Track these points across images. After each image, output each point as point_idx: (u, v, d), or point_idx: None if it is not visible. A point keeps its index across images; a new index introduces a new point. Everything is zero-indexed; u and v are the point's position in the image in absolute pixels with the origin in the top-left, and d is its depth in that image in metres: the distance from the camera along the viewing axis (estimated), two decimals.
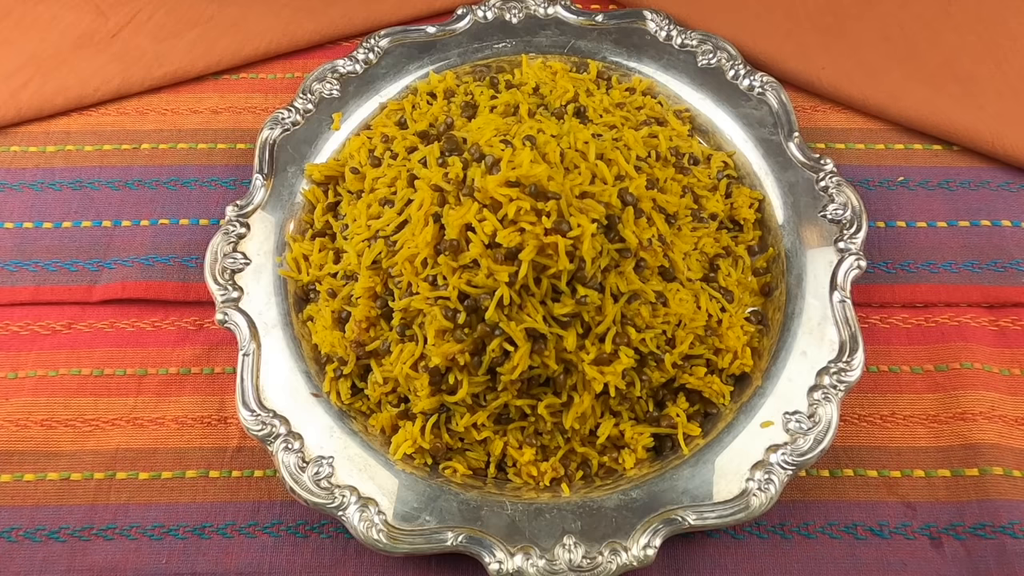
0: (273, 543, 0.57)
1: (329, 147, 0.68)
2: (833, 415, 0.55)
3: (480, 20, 0.73)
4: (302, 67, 0.78)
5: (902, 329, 0.65)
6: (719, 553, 0.56)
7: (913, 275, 0.66)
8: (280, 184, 0.65)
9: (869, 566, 0.56)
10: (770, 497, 0.53)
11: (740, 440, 0.55)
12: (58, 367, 0.63)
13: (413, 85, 0.70)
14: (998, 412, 0.60)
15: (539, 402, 0.56)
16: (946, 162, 0.72)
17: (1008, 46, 0.76)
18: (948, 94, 0.73)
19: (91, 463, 0.60)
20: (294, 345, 0.59)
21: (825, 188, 0.64)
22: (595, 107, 0.67)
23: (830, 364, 0.57)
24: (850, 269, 0.60)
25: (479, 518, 0.53)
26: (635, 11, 0.74)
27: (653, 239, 0.56)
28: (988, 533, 0.56)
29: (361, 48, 0.72)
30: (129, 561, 0.56)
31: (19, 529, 0.57)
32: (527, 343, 0.53)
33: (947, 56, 0.75)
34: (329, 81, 0.70)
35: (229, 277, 0.61)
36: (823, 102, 0.75)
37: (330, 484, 0.54)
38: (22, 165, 0.72)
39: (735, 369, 0.58)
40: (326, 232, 0.64)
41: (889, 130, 0.74)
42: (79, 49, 0.77)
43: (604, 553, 0.51)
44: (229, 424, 0.61)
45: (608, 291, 0.54)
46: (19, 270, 0.67)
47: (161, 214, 0.70)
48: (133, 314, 0.66)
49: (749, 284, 0.62)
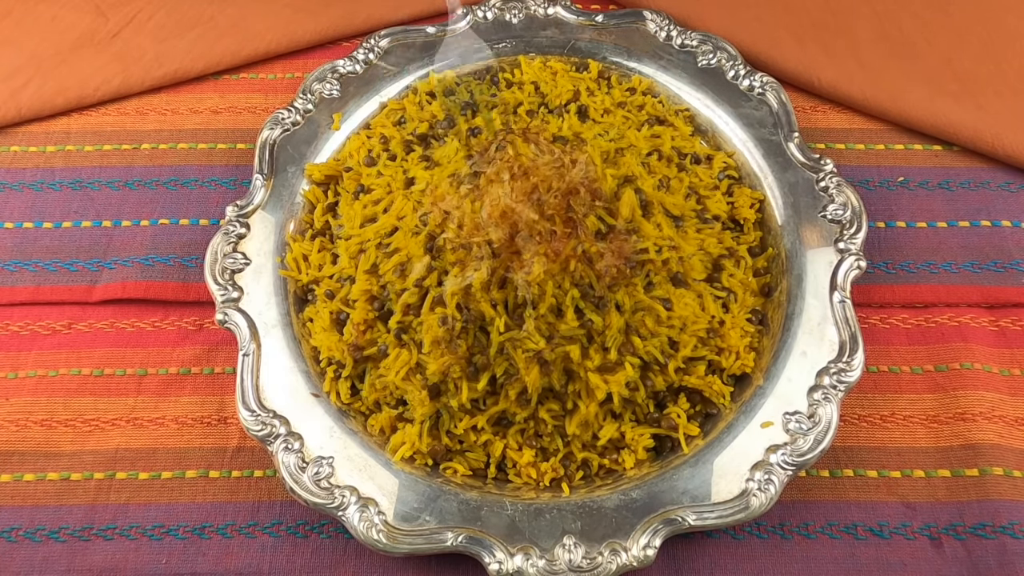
0: (273, 543, 0.57)
1: (329, 147, 0.68)
2: (833, 415, 0.55)
3: (480, 20, 0.73)
4: (302, 67, 0.78)
5: (902, 329, 0.65)
6: (719, 553, 0.56)
7: (913, 275, 0.66)
8: (280, 184, 0.65)
9: (869, 566, 0.56)
10: (770, 497, 0.53)
11: (740, 440, 0.55)
12: (58, 367, 0.63)
13: (413, 85, 0.70)
14: (998, 412, 0.60)
15: (540, 406, 0.56)
16: (946, 162, 0.72)
17: (1008, 46, 0.76)
18: (948, 94, 0.73)
19: (91, 463, 0.60)
20: (294, 345, 0.59)
21: (825, 188, 0.64)
22: (596, 106, 0.67)
23: (830, 364, 0.57)
24: (850, 269, 0.60)
25: (479, 518, 0.53)
26: (635, 11, 0.74)
27: (664, 248, 0.57)
28: (988, 533, 0.56)
29: (361, 48, 0.72)
30: (129, 561, 0.56)
31: (19, 529, 0.57)
32: (535, 365, 0.54)
33: (947, 56, 0.75)
34: (329, 81, 0.70)
35: (229, 277, 0.61)
36: (823, 102, 0.75)
37: (330, 484, 0.54)
38: (22, 165, 0.72)
39: (736, 369, 0.58)
40: (326, 232, 0.64)
41: (889, 130, 0.74)
42: (79, 49, 0.77)
43: (604, 553, 0.51)
44: (229, 424, 0.61)
45: (614, 304, 0.54)
46: (19, 270, 0.67)
47: (161, 214, 0.70)
48: (133, 314, 0.66)
49: (750, 284, 0.62)
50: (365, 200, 0.62)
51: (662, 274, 0.57)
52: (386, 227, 0.60)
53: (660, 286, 0.57)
